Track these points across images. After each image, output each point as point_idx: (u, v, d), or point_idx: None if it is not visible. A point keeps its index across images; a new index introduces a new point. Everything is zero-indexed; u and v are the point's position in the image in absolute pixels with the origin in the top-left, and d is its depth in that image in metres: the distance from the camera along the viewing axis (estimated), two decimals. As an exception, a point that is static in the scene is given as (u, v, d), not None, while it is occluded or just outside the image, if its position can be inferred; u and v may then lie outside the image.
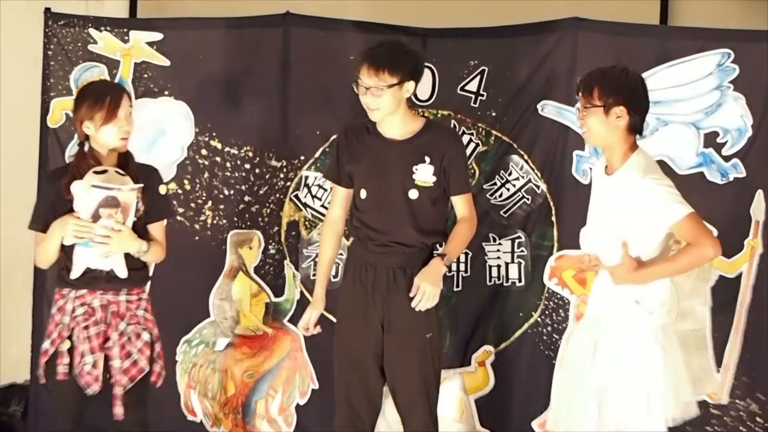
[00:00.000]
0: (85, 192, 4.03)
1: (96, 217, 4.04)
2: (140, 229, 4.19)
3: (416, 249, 4.38)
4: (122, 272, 4.17)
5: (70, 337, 4.14)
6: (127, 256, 4.16)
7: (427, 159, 4.34)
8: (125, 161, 4.20)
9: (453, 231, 4.43)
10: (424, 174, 4.34)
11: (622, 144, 3.94)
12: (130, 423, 4.17)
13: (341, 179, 4.48)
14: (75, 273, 4.14)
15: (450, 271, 5.06)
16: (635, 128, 3.94)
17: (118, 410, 4.12)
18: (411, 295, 4.26)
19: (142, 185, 4.12)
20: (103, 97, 4.13)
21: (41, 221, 4.18)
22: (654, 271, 3.89)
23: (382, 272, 4.35)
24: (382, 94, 4.24)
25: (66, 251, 4.15)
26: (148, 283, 4.34)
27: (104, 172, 4.07)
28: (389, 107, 4.28)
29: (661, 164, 4.72)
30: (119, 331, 4.16)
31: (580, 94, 3.95)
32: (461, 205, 4.45)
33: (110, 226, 4.04)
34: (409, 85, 4.29)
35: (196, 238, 5.21)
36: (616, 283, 3.95)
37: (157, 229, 4.28)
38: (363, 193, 4.40)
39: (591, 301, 4.19)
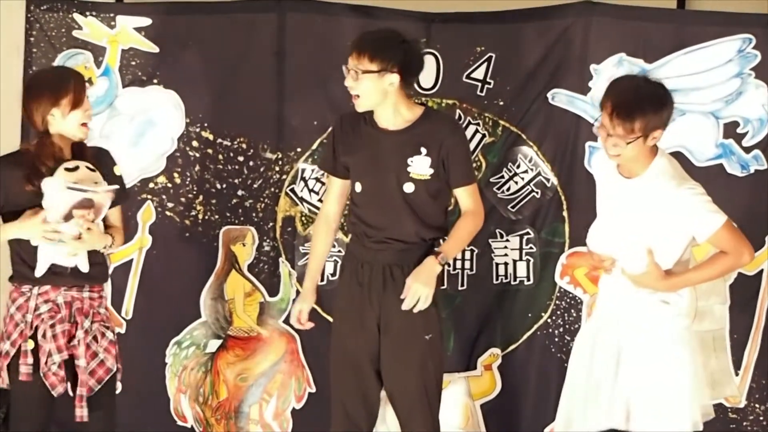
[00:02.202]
0: (58, 192, 3.99)
1: (68, 217, 4.00)
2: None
3: (414, 245, 4.30)
4: (85, 266, 4.11)
5: (32, 336, 4.07)
6: (90, 251, 4.11)
7: (423, 150, 4.25)
8: (80, 148, 4.13)
9: (455, 226, 4.35)
10: (420, 166, 4.25)
11: (647, 154, 3.91)
12: (99, 426, 4.14)
13: (337, 170, 4.40)
14: (40, 270, 4.08)
15: (454, 269, 5.00)
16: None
17: (82, 412, 4.07)
18: (402, 296, 4.19)
19: (117, 186, 4.09)
20: (66, 83, 4.07)
21: None
22: (684, 279, 3.96)
23: (378, 270, 4.28)
24: (357, 78, 4.19)
25: (24, 247, 4.09)
26: (108, 282, 4.34)
27: (76, 168, 4.02)
28: (371, 96, 4.21)
29: (678, 156, 4.74)
30: (84, 329, 4.11)
31: (611, 118, 3.81)
32: (464, 197, 4.37)
33: (82, 225, 4.01)
34: (392, 78, 4.18)
35: (187, 234, 5.13)
36: (639, 288, 3.94)
37: (115, 214, 4.23)
38: (358, 187, 4.33)
39: (602, 301, 4.15)
